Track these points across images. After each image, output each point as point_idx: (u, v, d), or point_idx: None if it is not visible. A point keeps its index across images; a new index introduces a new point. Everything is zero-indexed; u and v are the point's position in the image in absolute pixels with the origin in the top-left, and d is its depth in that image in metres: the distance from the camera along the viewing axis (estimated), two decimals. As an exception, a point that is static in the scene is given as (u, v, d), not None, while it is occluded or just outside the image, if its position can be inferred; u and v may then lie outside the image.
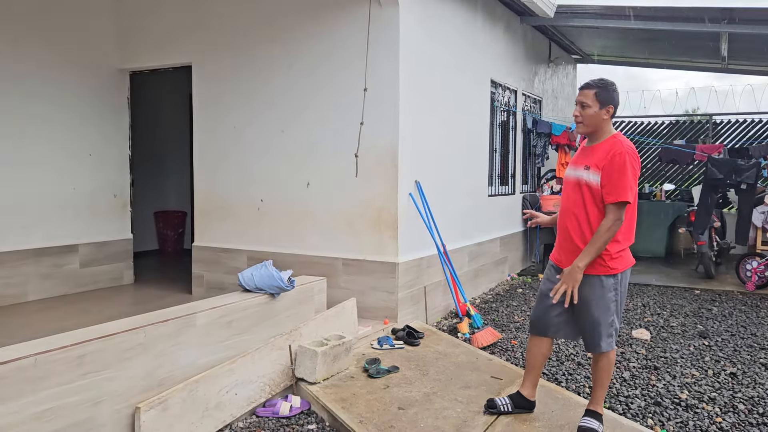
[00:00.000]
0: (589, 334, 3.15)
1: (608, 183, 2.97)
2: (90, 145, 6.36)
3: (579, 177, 3.09)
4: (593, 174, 3.02)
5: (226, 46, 5.92)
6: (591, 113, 3.08)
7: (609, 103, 3.07)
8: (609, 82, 3.13)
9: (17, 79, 5.66)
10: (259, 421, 3.52)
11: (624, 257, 3.11)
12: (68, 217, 6.15)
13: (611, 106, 3.07)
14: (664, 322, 5.73)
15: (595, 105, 3.06)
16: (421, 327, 5.14)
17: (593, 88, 3.09)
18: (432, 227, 5.51)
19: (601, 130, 3.12)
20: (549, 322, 3.25)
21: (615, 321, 3.14)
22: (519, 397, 3.41)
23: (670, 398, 3.86)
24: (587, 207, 3.05)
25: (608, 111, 3.07)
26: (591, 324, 3.12)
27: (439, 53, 5.82)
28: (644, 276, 8.07)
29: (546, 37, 9.10)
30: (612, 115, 3.10)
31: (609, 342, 3.13)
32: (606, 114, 3.07)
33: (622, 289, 3.13)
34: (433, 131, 5.73)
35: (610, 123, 3.14)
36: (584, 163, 3.09)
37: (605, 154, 3.01)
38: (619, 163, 2.95)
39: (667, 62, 10.64)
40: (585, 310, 3.11)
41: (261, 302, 3.91)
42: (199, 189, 6.19)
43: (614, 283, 3.08)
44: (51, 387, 2.62)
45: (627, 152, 2.97)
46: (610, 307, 3.09)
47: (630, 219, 3.08)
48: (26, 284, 5.74)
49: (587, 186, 3.04)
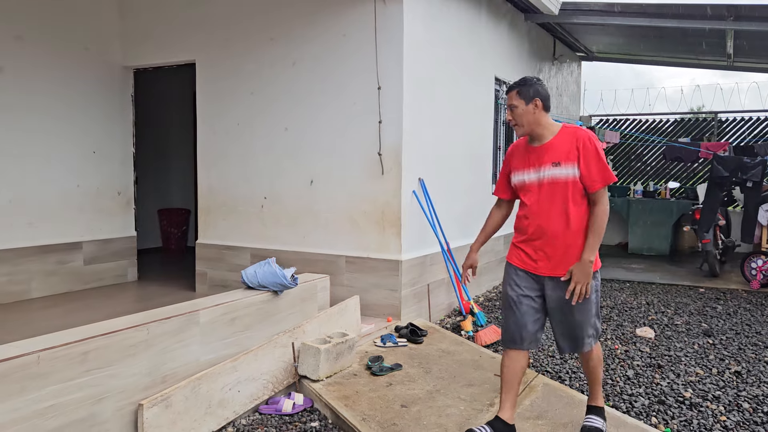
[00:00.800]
0: (574, 335, 3.03)
1: (590, 171, 2.88)
2: (94, 142, 6.37)
3: (553, 176, 2.94)
4: (569, 168, 2.91)
5: (229, 44, 5.91)
6: (520, 112, 3.01)
7: (534, 97, 2.99)
8: (529, 78, 3.07)
9: (22, 76, 5.67)
10: (262, 418, 3.52)
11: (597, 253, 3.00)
12: (72, 214, 6.16)
13: (537, 99, 2.99)
14: (668, 321, 5.71)
15: (520, 103, 3.00)
16: (424, 325, 5.14)
17: (514, 88, 3.04)
18: (435, 225, 5.50)
19: (542, 126, 3.01)
20: (527, 333, 3.04)
21: (597, 321, 3.07)
22: (499, 422, 3.04)
23: (674, 397, 3.84)
24: (571, 203, 2.92)
25: (536, 104, 2.99)
26: (577, 326, 3.00)
27: (443, 50, 5.80)
28: (648, 274, 8.05)
29: (550, 34, 9.07)
30: (544, 107, 3.01)
31: (591, 341, 3.06)
32: (534, 108, 2.99)
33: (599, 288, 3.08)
34: (436, 129, 5.71)
35: (547, 116, 3.04)
36: (548, 161, 2.96)
37: (571, 145, 2.92)
38: (591, 149, 2.90)
39: (673, 59, 10.59)
40: (569, 311, 2.98)
41: (264, 300, 3.91)
42: (203, 186, 6.20)
43: (596, 283, 2.99)
44: (54, 384, 2.62)
45: (591, 136, 2.94)
46: (592, 308, 3.01)
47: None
48: (31, 281, 5.75)
49: (572, 182, 2.91)
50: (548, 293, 3.03)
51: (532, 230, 3.02)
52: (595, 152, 2.90)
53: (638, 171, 11.55)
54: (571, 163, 2.91)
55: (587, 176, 2.89)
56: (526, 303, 3.04)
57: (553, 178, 2.95)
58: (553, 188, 2.95)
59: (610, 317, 5.83)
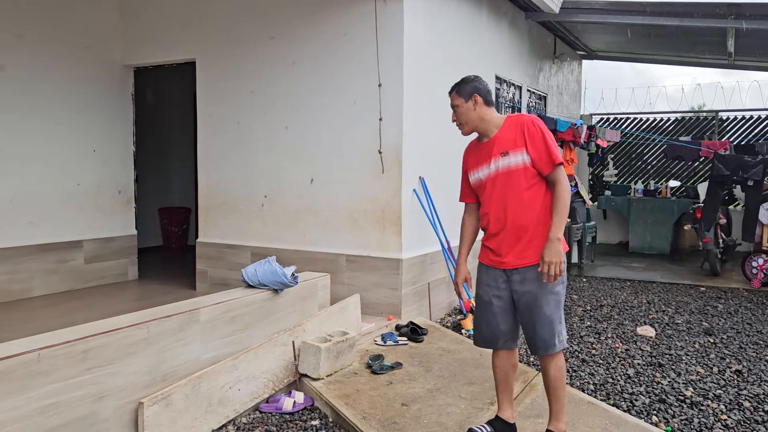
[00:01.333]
0: (544, 332, 2.89)
1: (539, 154, 2.85)
2: (94, 141, 6.37)
3: (505, 166, 2.90)
4: (518, 155, 2.87)
5: (229, 43, 5.91)
6: (462, 110, 3.02)
7: (472, 93, 2.98)
8: (466, 77, 3.07)
9: (22, 74, 5.66)
10: (262, 416, 3.52)
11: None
12: (73, 212, 6.16)
13: (476, 95, 2.98)
14: (669, 319, 5.70)
15: (460, 101, 3.01)
16: (424, 323, 5.13)
17: (453, 89, 3.06)
18: (436, 223, 5.50)
19: (485, 121, 3.00)
20: (500, 332, 3.00)
21: (563, 317, 2.96)
22: (500, 422, 3.06)
23: (675, 395, 3.84)
24: (525, 190, 2.88)
25: (475, 100, 2.98)
26: (546, 320, 2.87)
27: (443, 49, 5.80)
28: (649, 273, 8.04)
29: (551, 32, 9.07)
30: (485, 102, 2.99)
31: (562, 340, 2.92)
32: (474, 104, 2.98)
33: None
34: (437, 127, 5.70)
35: (490, 110, 3.01)
36: (497, 153, 2.92)
37: (516, 132, 2.90)
38: (536, 132, 2.86)
39: (673, 58, 10.58)
40: (539, 305, 2.88)
41: (264, 298, 3.91)
42: (203, 185, 6.19)
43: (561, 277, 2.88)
44: (55, 382, 2.62)
45: (534, 119, 2.91)
46: (560, 302, 2.92)
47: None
48: (31, 279, 5.76)
49: (523, 169, 2.87)
50: (515, 289, 2.92)
51: (492, 224, 2.98)
52: (541, 134, 2.86)
53: (639, 170, 11.54)
54: (520, 150, 2.87)
55: (537, 160, 2.85)
56: (497, 303, 2.98)
57: (505, 168, 2.90)
58: (506, 179, 2.91)
59: (610, 316, 5.83)
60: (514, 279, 2.93)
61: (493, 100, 3.06)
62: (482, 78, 3.09)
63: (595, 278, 7.74)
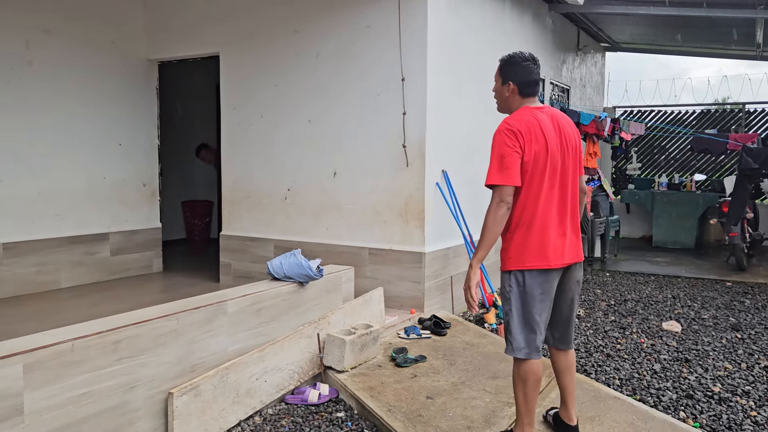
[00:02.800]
0: (570, 328, 2.94)
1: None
2: (120, 134, 6.44)
3: None
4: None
5: (253, 36, 5.93)
6: (496, 88, 2.92)
7: (508, 80, 2.83)
8: (514, 55, 2.84)
9: (49, 70, 5.75)
10: (288, 408, 3.55)
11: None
12: (99, 205, 6.25)
13: (510, 83, 2.82)
14: (695, 315, 5.63)
15: (498, 80, 2.89)
16: (447, 317, 5.13)
17: (499, 63, 2.89)
18: (459, 217, 5.48)
19: (511, 110, 2.87)
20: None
21: (514, 334, 2.80)
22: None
23: (703, 391, 3.79)
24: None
25: (509, 87, 2.83)
26: (572, 316, 2.92)
27: (466, 41, 5.76)
28: (673, 267, 7.94)
29: (575, 24, 8.96)
30: (519, 92, 2.82)
31: (512, 347, 2.82)
32: (507, 91, 2.85)
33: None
34: (460, 120, 5.68)
35: (519, 101, 2.84)
36: None
37: None
38: (492, 143, 2.73)
39: (699, 50, 10.40)
40: (573, 301, 2.91)
41: (290, 291, 3.94)
42: (227, 179, 6.24)
43: (509, 288, 2.79)
44: (87, 372, 2.67)
45: (499, 128, 2.73)
46: (508, 311, 2.83)
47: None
48: (60, 271, 5.86)
49: None
50: None
51: (555, 224, 2.86)
52: (492, 147, 2.72)
53: (662, 163, 11.38)
54: None
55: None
56: None
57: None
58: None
59: (635, 311, 5.77)
60: None
61: (532, 91, 2.84)
62: (532, 63, 2.83)
63: (619, 273, 7.67)
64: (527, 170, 2.69)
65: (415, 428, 3.13)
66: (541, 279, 2.73)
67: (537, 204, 2.72)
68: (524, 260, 2.73)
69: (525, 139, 2.68)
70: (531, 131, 2.69)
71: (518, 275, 2.75)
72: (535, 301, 2.73)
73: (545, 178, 2.71)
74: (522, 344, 2.75)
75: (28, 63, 5.57)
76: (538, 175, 2.70)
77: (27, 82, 5.57)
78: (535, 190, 2.72)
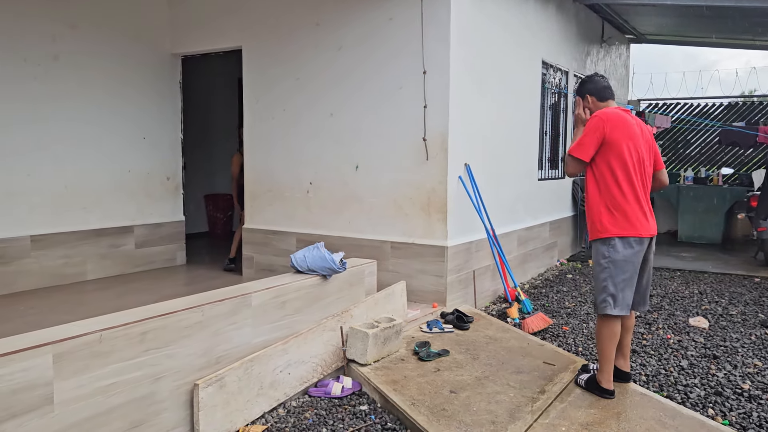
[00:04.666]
0: (648, 292, 3.60)
1: None
2: (144, 128, 6.51)
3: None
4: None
5: (276, 30, 5.94)
6: (581, 106, 3.64)
7: (584, 94, 3.61)
8: (585, 78, 3.67)
9: (76, 64, 5.82)
10: (311, 400, 3.56)
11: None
12: (124, 199, 6.32)
13: (587, 95, 3.59)
14: (722, 311, 5.53)
15: (579, 103, 3.65)
16: (470, 311, 5.11)
17: (575, 92, 3.78)
18: (481, 211, 5.44)
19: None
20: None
21: (602, 293, 3.44)
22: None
23: (732, 388, 3.72)
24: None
25: (587, 98, 3.59)
26: (649, 282, 3.58)
27: (489, 34, 5.71)
28: (700, 263, 7.81)
29: (599, 16, 8.82)
30: (598, 99, 3.56)
31: (598, 306, 3.47)
32: (587, 102, 3.60)
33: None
34: (483, 114, 5.64)
35: (604, 104, 3.56)
36: None
37: None
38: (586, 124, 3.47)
39: (728, 41, 10.17)
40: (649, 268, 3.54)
41: (313, 284, 3.94)
42: (249, 172, 6.27)
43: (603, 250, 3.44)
44: (115, 362, 2.70)
45: (596, 114, 3.42)
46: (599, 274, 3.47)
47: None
48: (86, 263, 5.94)
49: None
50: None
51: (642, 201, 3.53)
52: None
53: (687, 157, 11.19)
54: None
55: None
56: None
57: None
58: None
59: (661, 306, 5.69)
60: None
61: (607, 96, 3.57)
62: (596, 76, 3.64)
63: (643, 268, 7.55)
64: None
65: (439, 422, 3.12)
66: (638, 246, 3.36)
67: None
68: (625, 229, 3.35)
69: (607, 127, 3.40)
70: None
71: (599, 242, 3.42)
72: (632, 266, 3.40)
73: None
74: (622, 303, 3.35)
75: (54, 57, 5.64)
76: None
77: (54, 77, 5.64)
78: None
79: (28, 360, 2.36)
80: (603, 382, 3.43)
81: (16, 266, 5.40)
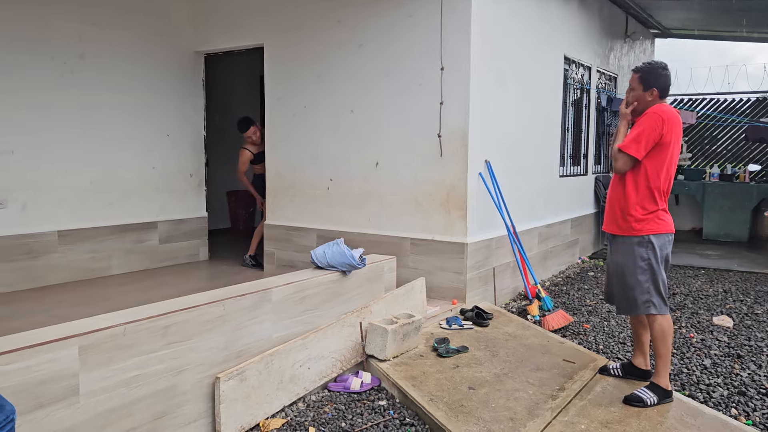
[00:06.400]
0: (626, 296, 3.48)
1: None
2: (168, 125, 6.60)
3: None
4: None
5: (297, 27, 5.97)
6: (636, 95, 3.33)
7: (652, 86, 3.27)
8: (655, 65, 3.31)
9: (101, 62, 5.91)
10: (330, 395, 3.59)
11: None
12: (148, 195, 6.42)
13: (655, 89, 3.27)
14: (747, 309, 5.45)
15: (639, 88, 3.31)
16: (489, 308, 5.10)
17: (638, 72, 3.32)
18: (502, 207, 5.43)
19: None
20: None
21: (648, 292, 3.38)
22: (630, 366, 3.65)
23: (756, 388, 3.67)
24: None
25: (652, 93, 3.28)
26: (629, 286, 3.45)
27: (511, 29, 5.67)
28: (725, 261, 7.69)
29: (622, 10, 8.71)
30: (659, 96, 3.29)
31: (647, 307, 3.38)
32: (650, 96, 3.29)
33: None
34: (503, 110, 5.61)
35: (660, 102, 3.33)
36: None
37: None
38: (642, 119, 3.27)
39: (756, 35, 9.97)
40: (620, 271, 3.48)
41: (333, 279, 3.97)
42: (271, 169, 6.32)
43: (642, 250, 3.40)
44: (138, 355, 2.76)
45: (655, 111, 3.21)
46: (640, 273, 3.42)
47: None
48: (111, 258, 6.05)
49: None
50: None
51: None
52: (642, 121, 3.33)
53: (713, 153, 11.01)
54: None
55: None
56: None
57: None
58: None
59: (684, 304, 5.62)
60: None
61: (667, 94, 3.38)
62: (666, 70, 3.33)
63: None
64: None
65: (458, 418, 3.13)
66: (669, 243, 3.41)
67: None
68: (660, 226, 3.35)
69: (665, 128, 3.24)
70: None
71: (639, 239, 3.34)
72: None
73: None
74: (665, 299, 3.34)
75: (80, 56, 5.74)
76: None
77: (80, 74, 5.74)
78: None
79: (54, 351, 2.42)
80: (666, 385, 3.32)
81: (44, 260, 5.52)
